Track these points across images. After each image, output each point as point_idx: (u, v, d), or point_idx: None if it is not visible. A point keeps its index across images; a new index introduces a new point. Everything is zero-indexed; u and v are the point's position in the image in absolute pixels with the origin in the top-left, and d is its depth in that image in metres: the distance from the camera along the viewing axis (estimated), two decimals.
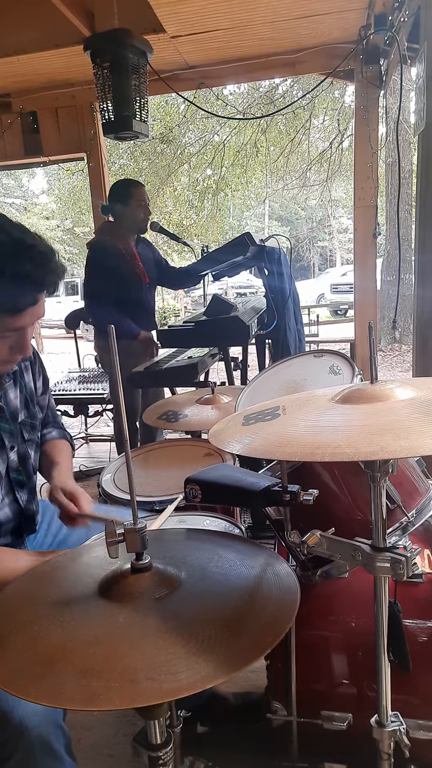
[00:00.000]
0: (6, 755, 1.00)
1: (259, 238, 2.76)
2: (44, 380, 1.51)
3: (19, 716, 0.98)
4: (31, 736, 0.99)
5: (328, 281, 16.40)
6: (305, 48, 3.28)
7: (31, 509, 1.39)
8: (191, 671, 0.66)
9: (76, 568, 0.95)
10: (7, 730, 0.99)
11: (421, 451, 0.72)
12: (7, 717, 0.99)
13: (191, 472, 1.15)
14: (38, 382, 1.48)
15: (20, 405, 1.38)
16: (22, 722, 0.98)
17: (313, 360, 1.72)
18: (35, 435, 1.43)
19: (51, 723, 1.02)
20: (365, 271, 3.54)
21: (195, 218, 11.53)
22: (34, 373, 1.46)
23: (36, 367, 1.47)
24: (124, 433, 0.81)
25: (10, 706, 0.99)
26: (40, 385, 1.49)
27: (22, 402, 1.39)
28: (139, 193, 2.98)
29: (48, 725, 1.01)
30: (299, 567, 1.21)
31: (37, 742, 0.99)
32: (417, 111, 2.39)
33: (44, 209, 20.75)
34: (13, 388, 1.36)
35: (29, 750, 0.99)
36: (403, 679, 1.11)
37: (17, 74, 3.48)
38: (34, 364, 1.46)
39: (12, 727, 0.98)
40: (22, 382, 1.40)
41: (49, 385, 1.54)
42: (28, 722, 0.99)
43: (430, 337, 2.32)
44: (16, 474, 1.34)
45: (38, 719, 1.00)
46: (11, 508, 1.33)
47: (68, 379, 4.04)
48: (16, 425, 1.35)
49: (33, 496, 1.40)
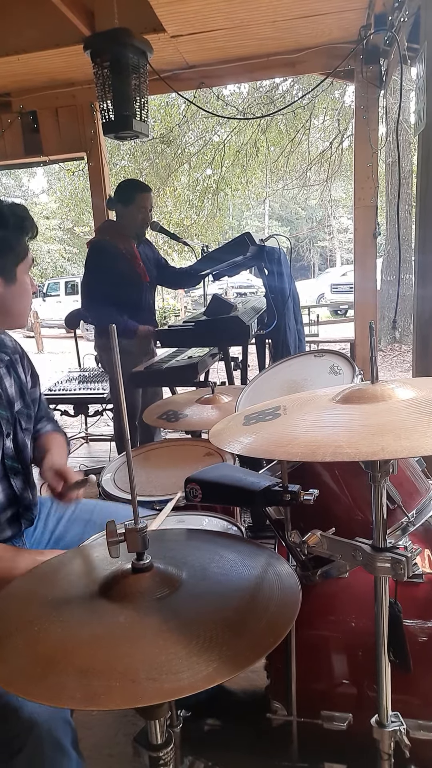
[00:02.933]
0: (16, 749, 1.01)
1: (259, 238, 2.76)
2: (33, 374, 1.56)
3: (29, 711, 1.00)
4: (40, 730, 1.00)
5: (328, 281, 16.43)
6: (305, 48, 3.27)
7: (27, 497, 1.41)
8: (192, 671, 0.66)
9: (76, 568, 0.95)
10: (17, 725, 1.00)
11: (422, 451, 0.72)
12: (17, 712, 1.00)
13: (191, 472, 1.15)
14: (27, 376, 1.53)
15: (16, 394, 1.43)
16: (32, 717, 1.00)
17: (314, 360, 1.72)
18: (31, 425, 1.48)
19: (59, 718, 1.04)
20: (365, 271, 3.54)
21: (195, 218, 11.54)
22: (24, 367, 1.52)
23: (25, 361, 1.53)
24: (125, 433, 0.81)
25: (20, 701, 1.00)
26: (29, 378, 1.54)
27: (17, 391, 1.44)
28: (142, 198, 2.94)
29: (57, 720, 1.03)
30: (299, 567, 1.21)
31: (46, 736, 1.01)
32: (417, 111, 2.39)
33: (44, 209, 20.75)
34: (8, 377, 1.41)
35: (39, 744, 1.01)
36: (404, 679, 1.11)
37: (17, 74, 3.47)
38: (23, 358, 1.52)
39: (22, 722, 1.00)
40: (15, 373, 1.45)
41: (38, 380, 1.59)
42: (38, 717, 1.00)
43: (430, 337, 2.32)
44: (11, 461, 1.37)
45: (47, 714, 1.01)
46: (5, 494, 1.36)
47: (68, 378, 4.04)
48: (13, 413, 1.40)
49: (28, 486, 1.43)
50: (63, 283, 16.62)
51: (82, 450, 4.34)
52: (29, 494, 1.43)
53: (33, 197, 22.13)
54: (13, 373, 1.44)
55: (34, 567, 0.98)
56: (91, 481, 1.37)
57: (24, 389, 1.47)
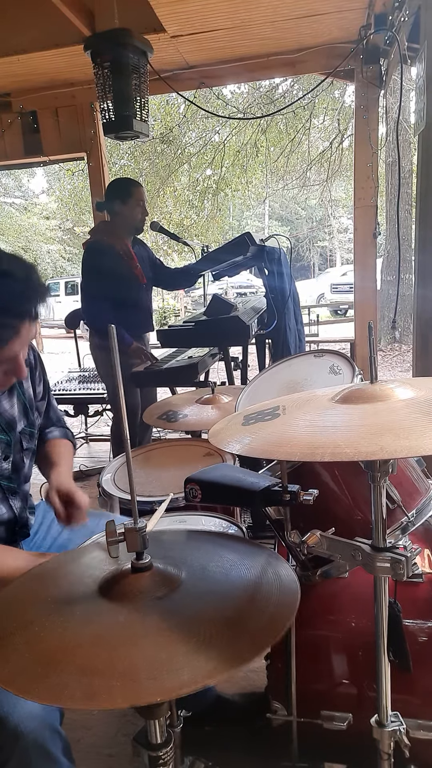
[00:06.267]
0: (2, 760, 1.00)
1: (259, 237, 2.76)
2: (45, 385, 1.48)
3: (15, 721, 0.98)
4: (26, 740, 0.99)
5: (328, 281, 16.41)
6: (305, 48, 3.27)
7: (24, 516, 1.38)
8: (192, 669, 0.66)
9: (76, 568, 0.95)
10: (2, 736, 0.99)
11: (421, 451, 0.72)
12: (3, 722, 0.99)
13: (191, 472, 1.15)
14: (38, 388, 1.45)
15: (18, 414, 1.35)
16: (18, 727, 0.98)
17: (313, 360, 1.72)
18: (33, 443, 1.41)
19: (47, 727, 1.02)
20: (365, 271, 3.54)
21: (195, 218, 11.53)
22: (34, 379, 1.44)
23: (37, 372, 1.45)
24: (124, 433, 0.81)
25: (5, 712, 0.99)
26: (41, 390, 1.47)
27: (21, 410, 1.36)
28: (139, 192, 2.98)
29: (44, 729, 1.01)
30: (299, 567, 1.21)
31: (33, 746, 0.99)
32: (417, 111, 2.40)
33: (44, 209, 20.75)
34: (8, 398, 1.33)
35: (25, 755, 0.99)
36: (403, 679, 1.11)
37: (17, 74, 3.47)
38: (35, 370, 1.44)
39: (8, 732, 0.99)
40: (20, 391, 1.37)
41: (49, 389, 1.52)
42: (24, 727, 0.99)
43: (430, 337, 2.32)
44: (7, 482, 1.32)
45: (34, 724, 1.00)
46: (6, 516, 1.32)
47: (68, 378, 4.04)
48: (14, 435, 1.33)
49: (26, 504, 1.39)
50: (63, 283, 16.61)
51: (82, 450, 4.34)
52: (26, 513, 1.39)
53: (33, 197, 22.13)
54: (17, 392, 1.35)
55: (34, 567, 0.98)
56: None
57: (29, 406, 1.38)
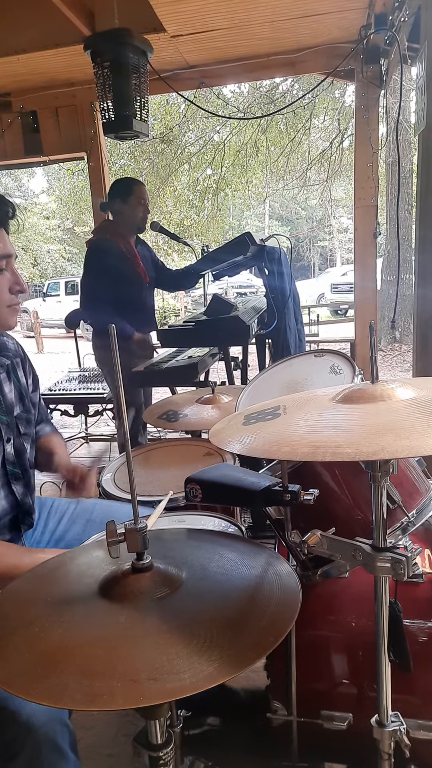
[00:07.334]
0: (14, 753, 1.00)
1: (260, 237, 2.76)
2: (34, 378, 1.56)
3: (26, 714, 0.99)
4: (38, 733, 1.00)
5: (328, 281, 16.42)
6: (305, 48, 3.27)
7: (27, 502, 1.41)
8: (194, 671, 0.66)
9: (76, 568, 0.95)
10: (14, 729, 1.00)
11: (422, 451, 0.72)
12: (14, 715, 0.99)
13: (191, 472, 1.15)
14: (29, 379, 1.53)
15: (15, 399, 1.42)
16: (29, 720, 0.99)
17: (314, 360, 1.72)
18: (30, 430, 1.47)
19: (57, 721, 1.03)
20: (365, 270, 3.54)
21: (195, 218, 11.54)
22: (25, 371, 1.51)
23: (26, 365, 1.52)
24: (125, 432, 0.81)
25: (17, 705, 1.00)
26: (31, 382, 1.54)
27: (17, 396, 1.43)
28: (140, 191, 2.99)
29: (54, 723, 1.03)
30: (299, 567, 1.21)
31: (44, 739, 1.01)
32: (417, 111, 2.39)
33: (44, 209, 20.76)
34: (7, 382, 1.40)
35: (36, 747, 1.00)
36: (404, 679, 1.11)
37: (17, 74, 3.47)
38: (24, 362, 1.52)
39: (20, 726, 0.99)
40: (15, 378, 1.44)
41: (39, 384, 1.59)
42: (35, 720, 1.00)
43: (430, 337, 2.32)
44: (11, 467, 1.37)
45: (45, 717, 1.01)
46: (7, 500, 1.36)
47: (68, 378, 4.04)
48: (12, 418, 1.39)
49: (29, 490, 1.43)
50: (63, 283, 16.62)
51: (82, 450, 4.34)
52: (29, 499, 1.43)
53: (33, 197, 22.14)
54: (13, 378, 1.43)
55: (35, 566, 0.98)
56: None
57: (24, 393, 1.46)
